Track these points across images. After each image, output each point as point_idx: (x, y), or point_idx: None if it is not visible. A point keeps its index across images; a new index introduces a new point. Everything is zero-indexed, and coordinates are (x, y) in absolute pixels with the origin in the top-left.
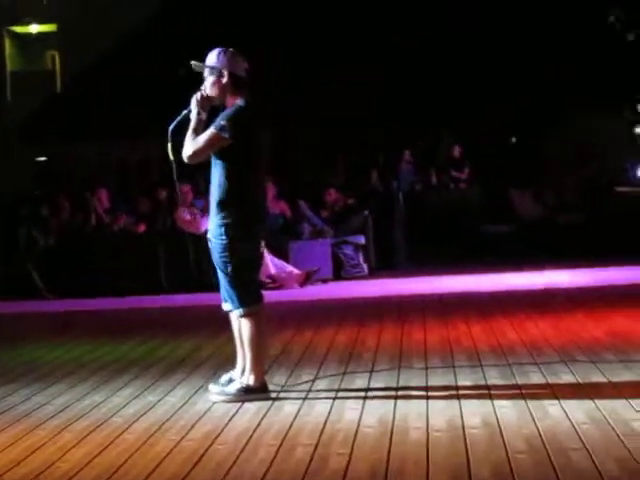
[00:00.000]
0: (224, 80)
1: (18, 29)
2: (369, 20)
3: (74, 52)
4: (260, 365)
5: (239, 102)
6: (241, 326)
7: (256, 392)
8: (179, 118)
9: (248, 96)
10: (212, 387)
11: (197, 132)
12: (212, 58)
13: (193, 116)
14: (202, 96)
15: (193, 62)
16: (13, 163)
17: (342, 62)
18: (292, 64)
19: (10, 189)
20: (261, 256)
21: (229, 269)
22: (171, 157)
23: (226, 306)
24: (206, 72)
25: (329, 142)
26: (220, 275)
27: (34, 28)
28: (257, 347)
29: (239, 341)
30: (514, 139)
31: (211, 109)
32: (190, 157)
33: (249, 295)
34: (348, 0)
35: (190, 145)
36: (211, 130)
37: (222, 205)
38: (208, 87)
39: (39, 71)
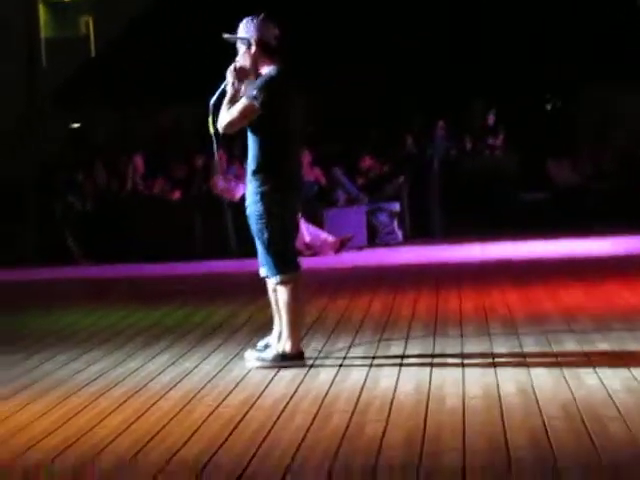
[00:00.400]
0: (253, 49)
1: None
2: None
3: (108, 17)
4: (297, 332)
5: (270, 70)
6: (278, 293)
7: (292, 359)
8: (218, 91)
9: (280, 63)
10: (249, 353)
11: (233, 103)
12: (241, 28)
13: (229, 88)
14: (236, 67)
15: (225, 34)
16: (48, 130)
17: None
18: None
19: (45, 156)
20: (297, 224)
21: (266, 236)
22: (211, 130)
23: (263, 272)
24: (238, 43)
25: (362, 109)
26: (257, 242)
27: None
28: (294, 314)
29: (276, 307)
30: (549, 106)
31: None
32: (225, 127)
33: (286, 262)
34: None
35: (225, 116)
36: (243, 100)
37: (257, 174)
38: (240, 58)
39: (73, 37)
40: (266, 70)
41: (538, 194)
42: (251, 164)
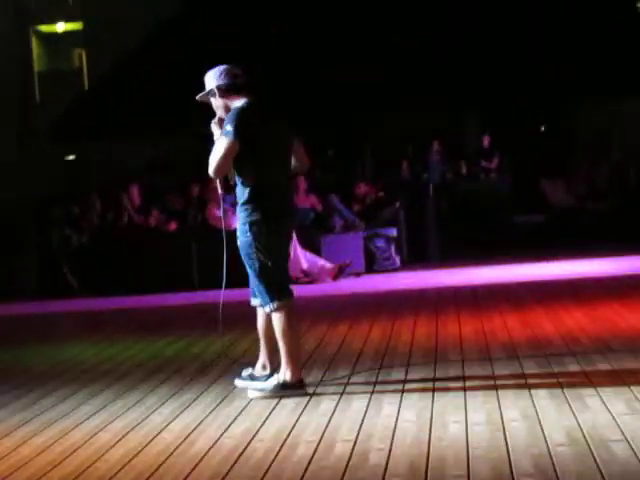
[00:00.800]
0: (217, 97)
1: (44, 28)
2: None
3: (101, 50)
4: (295, 360)
5: (237, 104)
6: (273, 322)
7: (292, 388)
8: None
9: (249, 96)
10: (238, 382)
11: None
12: (205, 84)
13: (216, 138)
14: (216, 121)
15: (197, 96)
16: (43, 163)
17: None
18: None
19: (41, 189)
20: (288, 251)
21: (256, 266)
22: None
23: (255, 301)
24: (209, 99)
25: (357, 135)
26: (249, 272)
27: (60, 27)
28: (290, 342)
29: (263, 337)
30: (543, 128)
31: None
32: (215, 172)
33: (278, 290)
34: None
35: (212, 162)
36: (221, 139)
37: (243, 205)
38: (216, 110)
39: (66, 70)
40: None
41: (533, 216)
42: (238, 195)
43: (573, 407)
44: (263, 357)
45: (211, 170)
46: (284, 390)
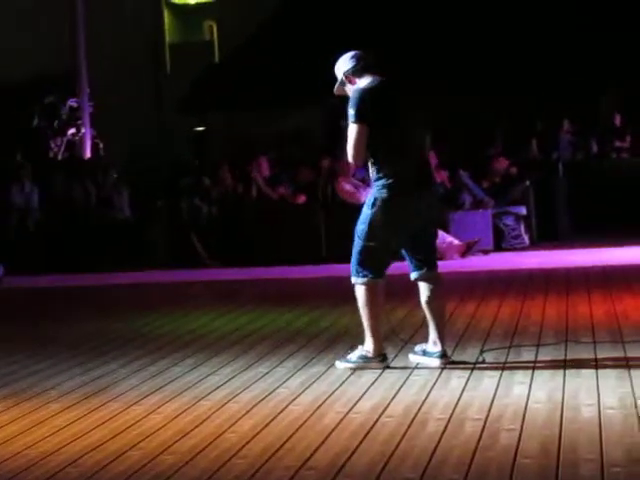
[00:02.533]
0: (347, 84)
1: (177, 0)
2: None
3: (232, 22)
4: (376, 335)
5: (358, 85)
6: (355, 292)
7: (374, 361)
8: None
9: (374, 75)
10: (411, 356)
11: None
12: (336, 75)
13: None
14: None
15: (334, 90)
16: (174, 134)
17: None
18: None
19: (171, 160)
20: (407, 234)
21: (362, 242)
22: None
23: (415, 274)
24: (343, 89)
25: (487, 112)
26: (355, 240)
27: None
28: (370, 317)
29: (427, 312)
30: None
31: None
32: (353, 158)
33: (370, 269)
34: None
35: (348, 149)
36: (350, 126)
37: (376, 182)
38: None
39: (197, 42)
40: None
41: None
42: (371, 171)
43: None
44: (433, 333)
45: (350, 158)
46: (366, 362)
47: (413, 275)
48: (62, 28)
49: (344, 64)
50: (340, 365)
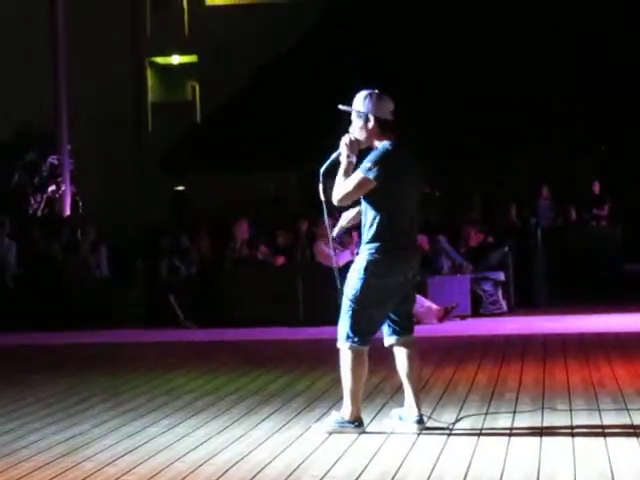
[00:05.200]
0: (370, 125)
1: (160, 60)
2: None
3: (214, 83)
4: (356, 400)
5: (385, 144)
6: (340, 356)
7: (350, 425)
8: (330, 160)
9: (395, 138)
10: (387, 421)
11: (347, 175)
12: (358, 102)
13: (343, 159)
14: (350, 140)
15: (341, 106)
16: (153, 194)
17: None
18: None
19: (151, 220)
20: (397, 300)
21: (353, 305)
22: (322, 197)
23: (390, 340)
24: (353, 115)
25: (467, 177)
26: (343, 304)
27: (175, 59)
28: (352, 382)
29: (402, 377)
30: None
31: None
32: (340, 200)
33: (360, 335)
34: None
35: (340, 188)
36: (358, 173)
37: (369, 245)
38: (356, 131)
39: (179, 102)
40: (379, 144)
41: None
42: (365, 234)
43: None
44: (409, 398)
45: (337, 197)
46: (342, 426)
47: (390, 340)
48: (44, 85)
49: (378, 105)
50: (317, 428)
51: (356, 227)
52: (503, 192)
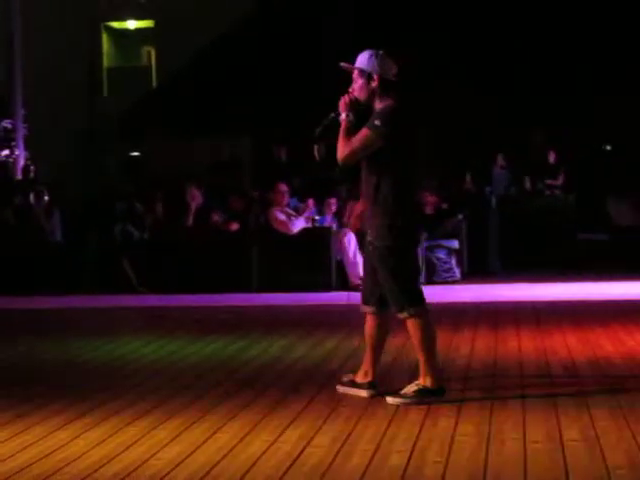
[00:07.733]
0: (374, 84)
1: (115, 25)
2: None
3: (170, 48)
4: (435, 366)
5: (391, 103)
6: (409, 328)
7: (435, 394)
8: (327, 120)
9: (398, 98)
10: (339, 387)
11: (349, 133)
12: (362, 60)
13: (343, 119)
14: (351, 99)
15: (342, 63)
16: (108, 159)
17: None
18: None
19: (105, 185)
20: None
21: (396, 270)
22: (317, 158)
23: (366, 308)
24: (355, 74)
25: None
26: (382, 278)
27: (131, 24)
28: (428, 349)
29: (369, 344)
30: (608, 147)
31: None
32: (346, 158)
33: (414, 296)
34: None
35: (345, 147)
36: (365, 131)
37: (383, 206)
38: (357, 89)
39: (135, 67)
40: (380, 105)
41: (598, 234)
42: (373, 197)
43: (634, 430)
44: (367, 364)
45: (342, 155)
46: (426, 396)
47: (366, 308)
48: None
49: (383, 65)
50: (394, 401)
51: (311, 194)
52: (458, 161)
